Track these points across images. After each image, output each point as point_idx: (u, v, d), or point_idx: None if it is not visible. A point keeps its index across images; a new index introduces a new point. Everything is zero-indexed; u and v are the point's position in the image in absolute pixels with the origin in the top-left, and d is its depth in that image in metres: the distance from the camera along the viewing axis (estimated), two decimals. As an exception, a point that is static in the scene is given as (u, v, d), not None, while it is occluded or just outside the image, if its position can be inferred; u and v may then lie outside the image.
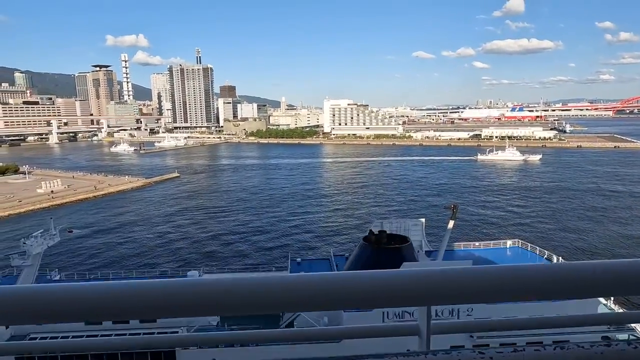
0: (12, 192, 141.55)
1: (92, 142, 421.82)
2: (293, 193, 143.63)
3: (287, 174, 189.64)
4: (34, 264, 42.21)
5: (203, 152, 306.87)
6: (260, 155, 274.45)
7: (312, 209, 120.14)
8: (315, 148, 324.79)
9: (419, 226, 50.48)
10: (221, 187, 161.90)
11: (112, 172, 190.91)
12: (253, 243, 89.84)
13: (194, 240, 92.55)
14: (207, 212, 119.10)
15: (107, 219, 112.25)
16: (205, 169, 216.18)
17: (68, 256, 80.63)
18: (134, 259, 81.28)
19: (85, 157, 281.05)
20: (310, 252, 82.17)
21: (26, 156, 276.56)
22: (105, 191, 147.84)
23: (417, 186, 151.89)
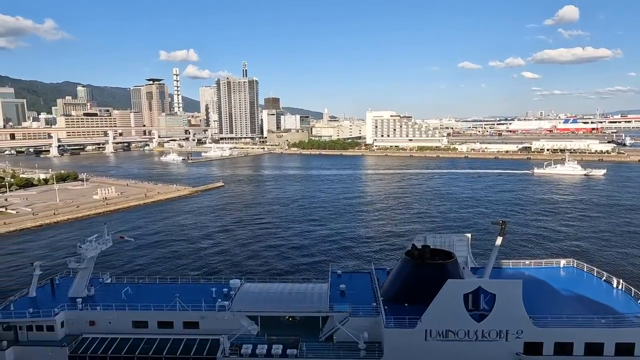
0: (71, 198, 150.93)
1: (144, 152, 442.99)
2: (334, 204, 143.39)
3: (328, 185, 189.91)
4: (88, 266, 44.45)
5: (247, 162, 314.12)
6: (302, 166, 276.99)
7: (353, 221, 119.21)
8: (357, 159, 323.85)
9: (465, 242, 48.58)
10: (264, 197, 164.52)
11: (162, 180, 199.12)
12: (293, 253, 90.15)
13: (236, 248, 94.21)
14: (250, 221, 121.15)
15: (156, 226, 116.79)
16: (248, 178, 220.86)
17: (119, 260, 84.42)
18: (179, 264, 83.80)
19: (137, 166, 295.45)
20: (350, 264, 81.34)
21: (84, 164, 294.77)
22: (154, 199, 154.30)
23: (462, 199, 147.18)
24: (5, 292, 66.12)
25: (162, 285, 48.37)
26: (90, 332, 40.46)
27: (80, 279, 44.31)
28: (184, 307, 40.01)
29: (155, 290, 46.13)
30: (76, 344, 39.30)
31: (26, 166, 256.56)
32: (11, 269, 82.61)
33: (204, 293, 43.32)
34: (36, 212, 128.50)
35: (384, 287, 42.79)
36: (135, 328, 40.41)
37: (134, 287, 47.11)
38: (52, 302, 42.23)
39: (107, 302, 41.59)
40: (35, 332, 39.78)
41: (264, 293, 43.69)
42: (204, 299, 41.22)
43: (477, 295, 35.05)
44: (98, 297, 44.17)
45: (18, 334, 39.89)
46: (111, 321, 40.46)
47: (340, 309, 39.19)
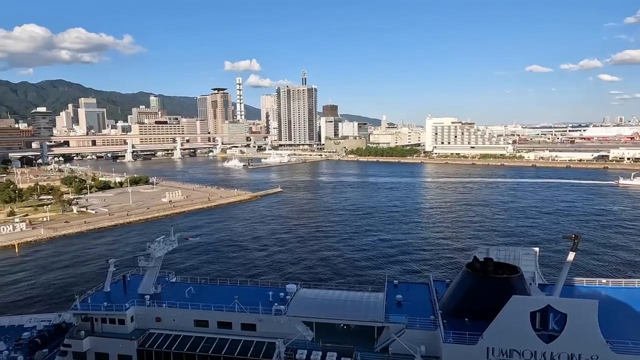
0: (142, 200, 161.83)
1: (208, 158, 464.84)
2: (392, 212, 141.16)
3: (386, 192, 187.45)
4: (156, 265, 47.26)
5: (305, 169, 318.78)
6: (360, 173, 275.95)
7: (411, 230, 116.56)
8: (415, 167, 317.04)
9: (532, 256, 45.52)
10: (321, 203, 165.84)
11: (224, 185, 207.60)
12: (349, 260, 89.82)
13: (292, 254, 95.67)
14: (307, 227, 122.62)
15: (217, 229, 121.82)
16: (306, 185, 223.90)
17: (183, 260, 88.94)
18: (238, 266, 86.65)
19: (201, 171, 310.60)
20: (407, 274, 79.45)
21: (155, 169, 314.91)
22: (217, 202, 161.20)
23: (530, 211, 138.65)
24: (86, 282, 72.22)
25: (222, 287, 50.10)
26: (156, 328, 42.83)
27: (148, 277, 47.15)
28: (242, 309, 41.16)
29: (215, 291, 47.89)
30: (144, 338, 41.76)
31: (104, 170, 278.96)
32: (90, 264, 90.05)
33: (262, 296, 44.27)
34: (112, 213, 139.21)
35: (443, 300, 41.21)
36: (196, 327, 42.18)
37: (196, 286, 49.26)
38: (123, 298, 45.28)
39: (172, 300, 43.83)
40: (109, 324, 42.81)
41: (319, 299, 43.80)
42: (261, 302, 42.13)
43: (545, 314, 32.60)
44: (164, 294, 46.66)
45: (94, 325, 43.16)
46: (175, 318, 42.56)
47: (396, 319, 38.29)
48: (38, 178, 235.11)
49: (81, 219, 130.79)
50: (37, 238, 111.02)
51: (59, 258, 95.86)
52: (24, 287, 77.97)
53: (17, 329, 49.74)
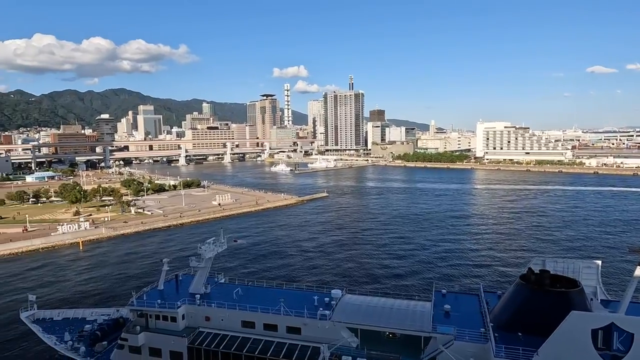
0: (194, 203, 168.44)
1: (256, 162, 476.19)
2: (440, 219, 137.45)
3: (434, 199, 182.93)
4: (206, 266, 49.01)
5: (351, 174, 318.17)
6: (406, 179, 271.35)
7: (460, 238, 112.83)
8: (465, 173, 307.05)
9: (594, 269, 42.62)
10: (366, 208, 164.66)
11: (271, 189, 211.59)
12: (394, 267, 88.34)
13: (336, 258, 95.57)
14: (352, 232, 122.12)
15: (264, 232, 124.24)
16: (351, 190, 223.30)
17: (231, 262, 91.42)
18: (283, 269, 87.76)
19: (250, 175, 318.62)
20: (455, 284, 76.88)
21: (206, 172, 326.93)
22: (264, 206, 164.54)
23: (591, 221, 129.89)
24: (141, 279, 76.23)
25: (268, 289, 50.98)
26: (205, 327, 44.29)
27: (199, 277, 48.92)
28: (287, 312, 41.63)
29: (262, 293, 48.80)
30: (193, 336, 43.31)
31: (160, 173, 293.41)
32: (145, 262, 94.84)
33: (307, 300, 44.57)
34: (166, 214, 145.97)
35: (494, 312, 39.47)
36: (243, 327, 43.16)
37: (244, 288, 50.46)
38: (175, 296, 47.24)
39: (220, 301, 45.17)
40: (162, 321, 44.81)
41: (364, 306, 43.43)
42: (307, 306, 42.41)
43: (609, 332, 30.34)
44: (213, 295, 48.18)
45: (148, 321, 45.34)
46: (223, 318, 43.79)
47: (444, 330, 37.14)
48: (101, 180, 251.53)
49: (138, 219, 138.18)
50: (99, 236, 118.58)
51: (117, 256, 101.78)
52: (86, 282, 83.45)
53: (80, 321, 53.25)
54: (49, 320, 53.60)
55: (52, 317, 54.37)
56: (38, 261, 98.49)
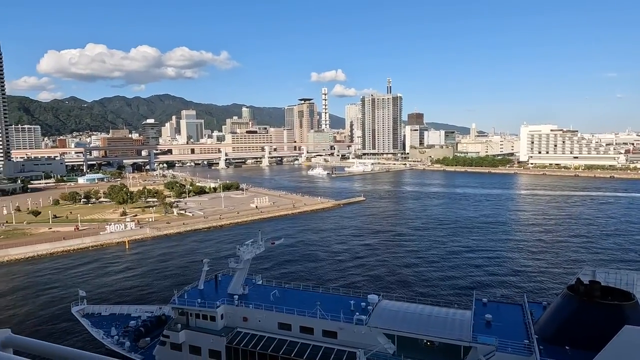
0: (233, 205, 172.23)
1: (293, 166, 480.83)
2: (480, 226, 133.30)
3: (474, 204, 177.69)
4: (244, 267, 49.96)
5: (388, 178, 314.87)
6: (446, 184, 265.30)
7: (501, 245, 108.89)
8: (508, 178, 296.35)
9: (650, 282, 39.87)
10: (404, 213, 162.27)
11: (308, 192, 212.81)
12: (433, 274, 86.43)
13: (373, 263, 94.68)
14: (388, 237, 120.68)
15: (301, 235, 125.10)
16: (389, 194, 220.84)
17: (267, 263, 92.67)
18: (319, 273, 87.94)
19: (287, 178, 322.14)
20: (497, 293, 74.22)
21: (244, 176, 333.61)
22: (301, 209, 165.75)
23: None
24: (182, 277, 78.80)
25: (304, 292, 51.23)
26: (243, 327, 45.09)
27: (237, 278, 49.90)
28: (324, 315, 41.66)
29: (298, 296, 49.12)
30: (231, 336, 44.19)
31: (201, 176, 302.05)
32: (186, 262, 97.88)
33: (343, 304, 44.42)
34: (206, 216, 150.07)
35: (539, 323, 37.76)
36: (280, 329, 43.59)
37: (280, 290, 50.98)
38: (215, 296, 48.42)
39: (258, 302, 45.87)
40: (201, 320, 46.05)
41: (402, 312, 42.76)
42: (343, 310, 42.27)
43: (667, 350, 28.29)
44: (250, 296, 49.00)
45: (189, 319, 46.73)
46: (261, 319, 44.43)
47: (485, 341, 35.88)
48: (145, 182, 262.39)
49: (180, 220, 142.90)
50: (144, 236, 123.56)
51: (160, 255, 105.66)
52: (131, 279, 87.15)
53: (125, 317, 55.66)
54: (97, 315, 56.38)
55: (100, 312, 57.16)
56: (88, 258, 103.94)
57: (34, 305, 73.91)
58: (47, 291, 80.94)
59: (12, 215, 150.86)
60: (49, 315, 69.20)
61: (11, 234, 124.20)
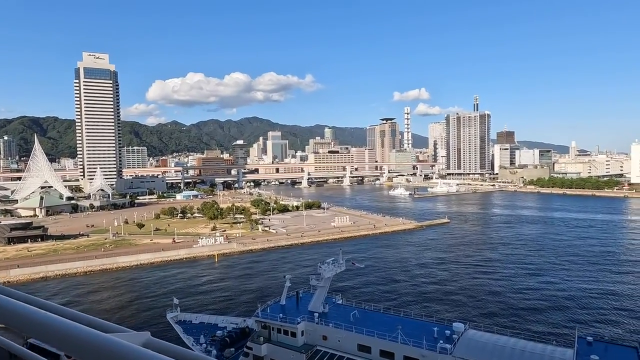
0: (314, 224, 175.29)
1: (374, 185, 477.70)
2: (584, 255, 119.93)
3: (576, 231, 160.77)
4: (325, 286, 50.35)
5: (475, 200, 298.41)
6: (541, 207, 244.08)
7: (610, 278, 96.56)
8: (616, 202, 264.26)
9: None
10: (492, 238, 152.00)
11: (389, 213, 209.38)
12: (524, 305, 79.23)
13: (456, 289, 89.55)
14: (474, 262, 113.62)
15: (381, 256, 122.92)
16: (476, 216, 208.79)
17: (346, 282, 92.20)
18: (399, 295, 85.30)
19: (368, 198, 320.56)
20: (604, 331, 65.72)
21: (326, 194, 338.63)
22: (381, 230, 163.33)
23: None
24: (265, 291, 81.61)
25: (385, 315, 50.01)
26: (322, 346, 45.13)
27: (318, 296, 50.34)
28: (405, 340, 40.21)
29: (379, 319, 48.04)
30: (311, 353, 44.42)
31: (284, 194, 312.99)
32: (268, 277, 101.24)
33: (425, 331, 42.54)
34: (289, 233, 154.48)
35: (659, 371, 32.64)
36: (359, 351, 42.87)
37: (361, 311, 50.33)
38: (296, 312, 49.26)
39: (338, 321, 45.71)
40: (282, 335, 47.02)
41: (491, 344, 39.72)
42: (425, 337, 40.44)
43: None
44: (330, 314, 49.02)
45: (271, 333, 47.99)
46: (340, 339, 44.14)
47: None
48: (234, 199, 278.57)
49: (264, 237, 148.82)
50: (231, 251, 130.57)
51: (246, 269, 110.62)
52: (218, 291, 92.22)
53: (213, 326, 58.80)
54: (188, 322, 60.34)
55: (191, 320, 61.10)
56: (182, 269, 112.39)
57: (135, 309, 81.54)
58: (147, 297, 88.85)
59: (121, 226, 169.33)
60: (147, 318, 75.80)
61: (120, 244, 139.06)
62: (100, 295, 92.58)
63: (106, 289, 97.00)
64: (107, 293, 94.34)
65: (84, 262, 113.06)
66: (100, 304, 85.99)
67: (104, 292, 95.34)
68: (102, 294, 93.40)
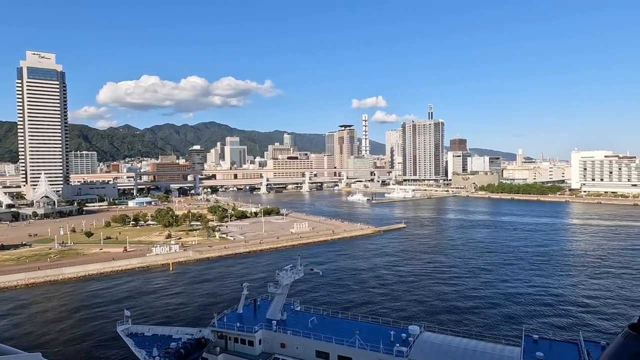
0: (273, 230, 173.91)
1: (333, 191, 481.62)
2: (529, 257, 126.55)
3: (522, 234, 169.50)
4: (283, 293, 49.88)
5: (430, 205, 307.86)
6: (491, 211, 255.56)
7: (554, 278, 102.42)
8: (558, 206, 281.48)
9: None
10: (446, 242, 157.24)
11: (347, 218, 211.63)
12: (477, 306, 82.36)
13: (412, 293, 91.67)
14: (429, 266, 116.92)
15: (339, 261, 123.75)
16: (430, 221, 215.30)
17: (306, 290, 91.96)
18: (356, 300, 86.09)
19: (327, 204, 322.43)
20: (549, 329, 69.43)
21: (285, 200, 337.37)
22: (340, 235, 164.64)
23: None
24: (222, 300, 79.72)
25: (343, 320, 50.25)
26: (280, 354, 44.62)
27: (276, 303, 49.80)
28: (362, 345, 40.55)
29: (337, 324, 48.19)
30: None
31: (242, 201, 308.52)
32: (226, 285, 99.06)
33: (382, 335, 43.11)
34: (247, 240, 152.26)
35: (598, 365, 34.82)
36: (318, 357, 42.75)
37: (319, 317, 50.27)
38: (253, 320, 48.46)
39: (296, 328, 45.40)
40: (240, 344, 46.06)
41: (445, 345, 40.87)
42: (382, 341, 40.98)
43: None
44: (289, 322, 48.62)
45: (227, 343, 46.88)
46: (298, 347, 43.84)
47: None
48: (190, 206, 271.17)
49: (222, 244, 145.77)
50: (187, 259, 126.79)
51: (201, 277, 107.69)
52: (173, 300, 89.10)
53: (167, 338, 56.59)
54: (140, 334, 57.73)
55: (143, 332, 58.50)
56: (134, 279, 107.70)
57: (83, 322, 77.06)
58: (94, 309, 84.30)
59: (67, 235, 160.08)
60: (95, 331, 71.85)
61: (66, 254, 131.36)
62: (41, 308, 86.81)
63: (48, 301, 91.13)
64: (50, 304, 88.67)
65: (26, 274, 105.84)
66: (37, 318, 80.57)
67: (45, 304, 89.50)
68: (42, 307, 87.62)
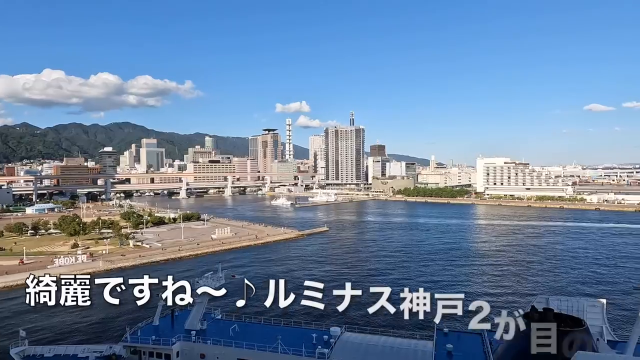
0: (193, 236, 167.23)
1: (257, 196, 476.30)
2: (440, 255, 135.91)
3: (435, 234, 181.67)
4: (203, 301, 48.04)
5: (351, 208, 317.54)
6: (407, 214, 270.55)
7: (461, 275, 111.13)
8: (466, 208, 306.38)
9: (599, 308, 41.72)
10: (367, 243, 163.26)
11: (271, 223, 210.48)
12: (394, 303, 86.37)
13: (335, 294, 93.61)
14: (350, 267, 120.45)
15: (263, 266, 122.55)
16: (352, 224, 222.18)
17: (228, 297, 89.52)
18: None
19: (250, 208, 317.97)
20: (457, 322, 74.97)
21: (206, 205, 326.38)
22: (264, 240, 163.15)
23: (595, 259, 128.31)
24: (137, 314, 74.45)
25: (266, 326, 49.78)
26: None
27: (195, 313, 47.88)
28: (285, 350, 40.50)
29: (259, 330, 47.63)
30: None
31: (160, 206, 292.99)
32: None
33: (304, 338, 43.47)
34: (165, 248, 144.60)
35: (498, 352, 38.47)
36: None
37: (241, 325, 49.25)
38: (171, 332, 46.09)
39: (216, 337, 44.03)
40: (155, 358, 43.52)
41: (364, 344, 42.34)
42: (305, 344, 41.32)
43: (617, 375, 29.38)
44: (209, 331, 47.02)
45: (142, 358, 44.02)
46: (219, 356, 42.55)
47: None
48: (101, 213, 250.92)
49: (136, 252, 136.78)
50: (95, 270, 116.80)
51: (113, 289, 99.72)
52: (79, 316, 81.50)
53: (71, 358, 51.65)
54: (39, 356, 52.01)
55: (43, 353, 52.78)
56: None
57: (-34, 348, 67.28)
58: (-17, 332, 74.17)
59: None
60: (-17, 358, 63.11)
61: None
62: None
63: None
64: None
65: None
66: None
67: None
68: None
